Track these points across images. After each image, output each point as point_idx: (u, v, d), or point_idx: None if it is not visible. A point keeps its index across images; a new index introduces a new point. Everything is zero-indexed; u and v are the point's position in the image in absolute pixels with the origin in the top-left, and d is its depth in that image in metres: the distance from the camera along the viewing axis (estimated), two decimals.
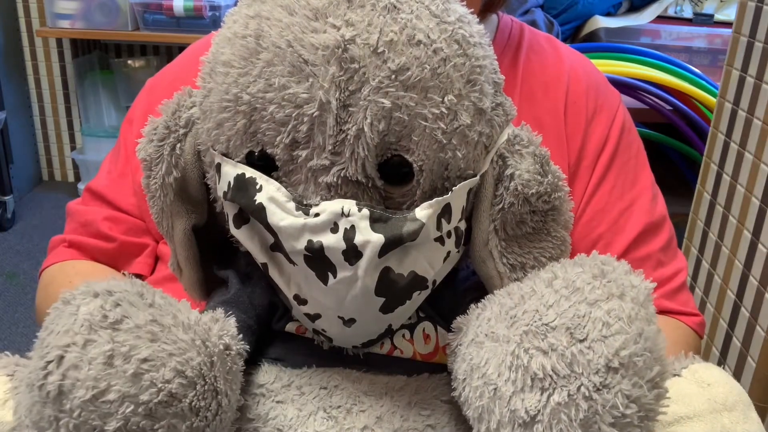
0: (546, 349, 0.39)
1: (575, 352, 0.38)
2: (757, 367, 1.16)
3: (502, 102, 0.50)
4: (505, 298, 0.44)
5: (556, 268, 0.44)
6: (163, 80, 0.78)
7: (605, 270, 0.41)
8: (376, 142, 0.43)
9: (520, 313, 0.41)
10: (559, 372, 0.38)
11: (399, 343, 0.50)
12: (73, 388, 0.37)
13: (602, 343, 0.37)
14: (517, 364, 0.39)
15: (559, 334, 0.39)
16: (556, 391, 0.38)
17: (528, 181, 0.48)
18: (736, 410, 0.45)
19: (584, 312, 0.39)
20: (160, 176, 0.51)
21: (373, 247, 0.43)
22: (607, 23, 2.13)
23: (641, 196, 0.71)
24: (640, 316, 0.39)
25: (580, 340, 0.38)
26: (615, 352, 0.37)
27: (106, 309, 0.39)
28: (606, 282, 0.40)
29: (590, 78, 0.74)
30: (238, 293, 0.51)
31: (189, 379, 0.39)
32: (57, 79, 2.65)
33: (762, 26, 1.19)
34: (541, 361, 0.38)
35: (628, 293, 0.40)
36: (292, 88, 0.43)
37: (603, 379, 0.37)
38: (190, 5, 2.23)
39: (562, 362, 0.38)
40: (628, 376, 0.37)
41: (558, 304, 0.40)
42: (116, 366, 0.37)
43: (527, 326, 0.40)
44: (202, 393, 0.39)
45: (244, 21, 0.45)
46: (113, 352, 0.37)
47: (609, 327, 0.38)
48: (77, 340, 0.38)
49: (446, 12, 0.45)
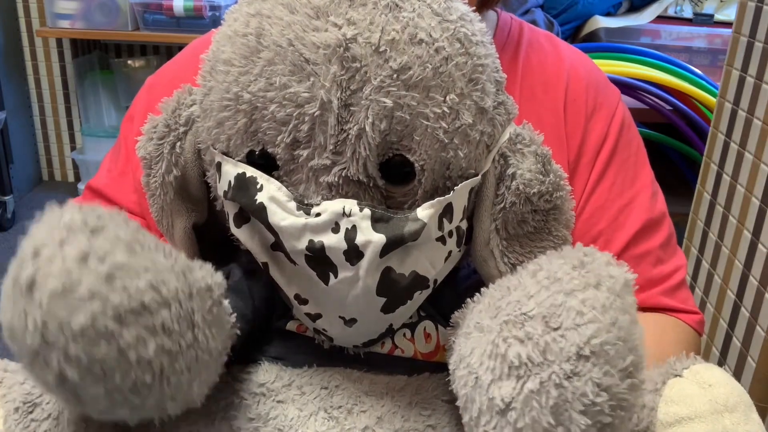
0: (523, 337, 0.39)
1: (549, 341, 0.38)
2: (757, 367, 1.15)
3: (504, 101, 0.50)
4: (496, 290, 0.44)
5: (542, 260, 0.44)
6: (163, 78, 0.78)
7: (585, 261, 0.41)
8: (378, 141, 0.43)
9: (504, 304, 0.41)
10: (534, 360, 0.38)
11: (400, 342, 0.50)
12: (45, 279, 0.36)
13: (575, 331, 0.37)
14: (496, 352, 0.39)
15: (536, 323, 0.39)
16: (530, 378, 0.38)
17: (530, 181, 0.48)
18: (737, 411, 0.45)
19: (560, 301, 0.39)
20: (160, 174, 0.50)
21: (375, 247, 0.43)
22: (607, 23, 2.13)
23: (641, 193, 0.71)
24: (615, 306, 0.39)
25: (555, 328, 0.38)
26: (587, 340, 0.37)
27: (88, 218, 0.38)
28: (584, 272, 0.40)
29: (590, 75, 0.74)
30: (239, 282, 0.51)
31: (164, 297, 0.37)
32: (57, 79, 2.65)
33: (762, 26, 1.19)
34: (517, 349, 0.38)
35: (605, 283, 0.39)
36: (293, 87, 0.42)
37: (574, 367, 0.37)
38: (190, 5, 2.23)
39: (536, 350, 0.38)
40: (599, 365, 0.37)
41: (538, 294, 0.40)
42: (89, 264, 0.36)
43: (507, 316, 0.40)
44: (177, 317, 0.38)
45: (244, 19, 0.45)
46: (88, 252, 0.36)
47: (582, 316, 0.38)
48: (54, 236, 0.37)
49: (448, 10, 0.45)
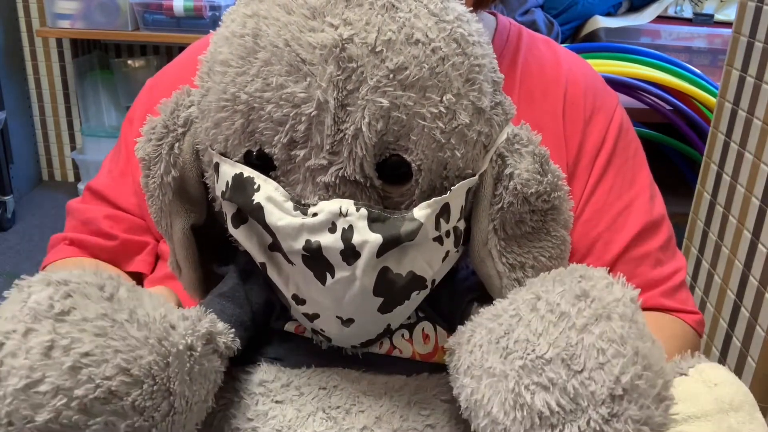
0: (546, 384, 0.38)
1: (576, 385, 0.37)
2: (757, 367, 1.16)
3: (501, 101, 0.50)
4: (492, 322, 0.43)
5: (536, 287, 0.43)
6: (163, 80, 0.78)
7: (586, 289, 0.40)
8: (374, 141, 0.43)
9: (511, 343, 0.41)
10: (565, 407, 0.37)
11: (398, 342, 0.50)
12: (8, 375, 0.36)
13: (601, 371, 0.37)
14: (520, 402, 0.39)
15: (556, 367, 0.38)
16: (566, 426, 0.37)
17: (527, 181, 0.48)
18: (742, 410, 0.45)
19: (576, 340, 0.38)
20: (158, 175, 0.51)
21: (371, 247, 0.43)
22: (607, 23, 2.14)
23: (639, 195, 0.71)
24: (632, 334, 0.38)
25: (578, 371, 0.37)
26: (616, 379, 0.37)
27: (54, 299, 0.38)
28: (590, 302, 0.39)
29: (588, 80, 0.74)
30: (235, 287, 0.51)
31: (135, 378, 0.38)
32: (57, 79, 2.65)
33: (762, 26, 1.19)
34: (544, 397, 0.38)
35: (615, 311, 0.39)
36: (289, 87, 0.42)
37: (610, 409, 0.36)
38: (190, 5, 2.23)
39: (565, 397, 0.37)
40: (633, 400, 0.37)
41: (547, 333, 0.39)
42: (54, 357, 0.36)
43: (522, 360, 0.39)
44: (150, 393, 0.38)
45: (241, 20, 0.45)
46: (53, 344, 0.36)
47: (604, 353, 0.37)
48: (19, 327, 0.37)
49: (445, 11, 0.45)
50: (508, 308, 0.43)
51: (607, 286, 0.41)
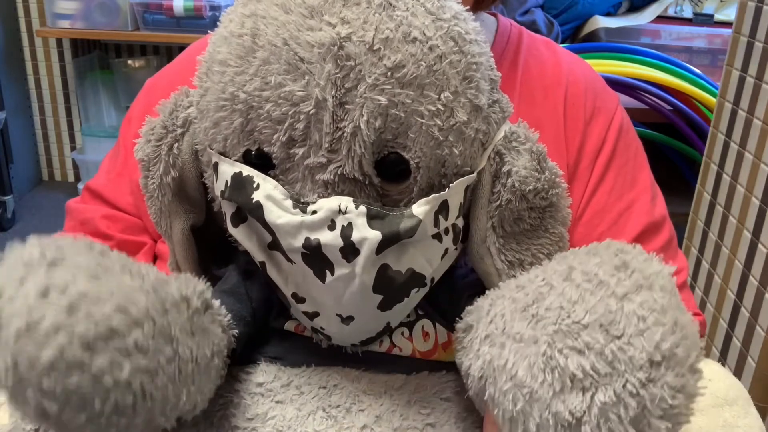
0: (581, 348, 0.38)
1: (614, 350, 0.37)
2: (757, 367, 1.15)
3: (499, 99, 0.50)
4: (518, 292, 0.43)
5: (569, 259, 0.43)
6: (162, 81, 0.78)
7: (626, 260, 0.40)
8: (373, 139, 0.43)
9: (542, 311, 0.40)
10: (600, 371, 0.37)
11: (398, 341, 0.50)
12: (9, 320, 0.36)
13: (640, 337, 0.37)
14: (552, 365, 0.38)
15: (594, 332, 0.38)
16: (600, 389, 0.37)
17: (525, 178, 0.48)
18: (737, 405, 0.46)
19: (615, 307, 0.38)
20: (158, 176, 0.51)
21: (371, 243, 0.43)
22: (607, 23, 2.14)
23: (640, 196, 0.71)
24: (673, 305, 0.38)
25: (617, 336, 0.37)
26: (656, 345, 0.37)
27: (46, 251, 0.38)
28: (630, 273, 0.40)
29: (588, 81, 0.74)
30: (236, 284, 0.51)
31: (134, 317, 0.37)
32: (57, 79, 2.65)
33: (762, 26, 1.19)
34: (578, 360, 0.38)
35: (656, 282, 0.39)
36: (288, 86, 0.43)
37: (648, 374, 0.36)
38: (190, 5, 2.23)
39: (601, 361, 0.37)
40: (671, 367, 0.37)
41: (584, 300, 0.39)
42: (50, 298, 0.36)
43: (555, 325, 0.39)
44: (151, 334, 0.37)
45: (240, 20, 0.45)
46: (48, 286, 0.36)
47: (644, 320, 0.37)
48: (13, 276, 0.37)
49: (441, 9, 0.45)
50: (535, 279, 0.43)
51: (647, 260, 0.41)
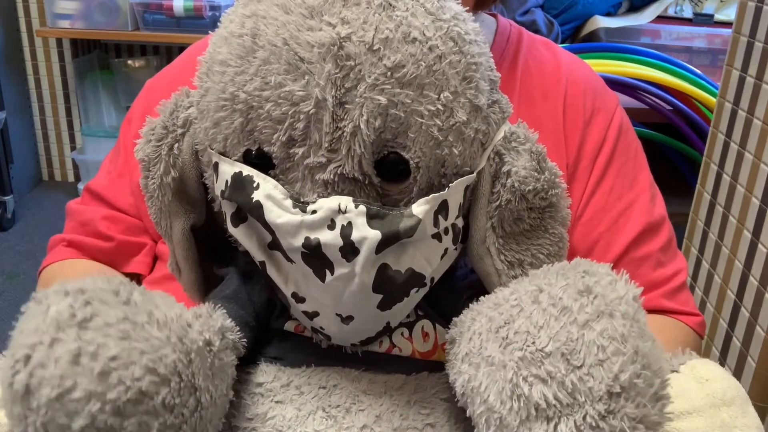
0: (544, 377, 0.38)
1: (575, 380, 0.37)
2: (757, 367, 1.16)
3: (499, 99, 0.50)
4: (494, 311, 0.44)
5: (539, 279, 0.43)
6: (162, 81, 0.78)
7: (589, 284, 0.40)
8: (373, 139, 0.43)
9: (511, 334, 0.41)
10: (562, 401, 0.37)
11: (398, 341, 0.50)
12: (39, 386, 0.36)
13: (600, 367, 0.37)
14: (517, 393, 0.39)
15: (556, 361, 0.38)
16: (562, 420, 0.37)
17: (525, 178, 0.48)
18: (734, 405, 0.46)
19: (576, 335, 0.38)
20: (158, 176, 0.51)
21: (370, 243, 0.43)
22: (607, 23, 2.14)
23: (640, 197, 0.72)
24: (633, 333, 0.38)
25: (578, 366, 0.37)
26: (614, 376, 0.37)
27: (75, 307, 0.38)
28: (593, 299, 0.39)
29: (588, 81, 0.75)
30: (237, 289, 0.51)
31: (162, 377, 0.38)
32: (57, 79, 2.65)
33: (762, 26, 1.19)
34: (541, 389, 0.38)
35: (617, 309, 0.39)
36: (288, 85, 0.43)
37: (607, 405, 0.37)
38: (190, 5, 2.23)
39: (563, 391, 0.37)
40: (630, 398, 0.37)
41: (548, 326, 0.39)
42: (83, 364, 0.36)
43: (521, 351, 0.39)
44: (177, 390, 0.39)
45: (240, 20, 0.46)
46: (80, 351, 0.37)
47: (604, 350, 0.37)
48: (44, 339, 0.37)
49: (441, 10, 0.45)
50: (510, 298, 0.43)
51: (611, 283, 0.40)
